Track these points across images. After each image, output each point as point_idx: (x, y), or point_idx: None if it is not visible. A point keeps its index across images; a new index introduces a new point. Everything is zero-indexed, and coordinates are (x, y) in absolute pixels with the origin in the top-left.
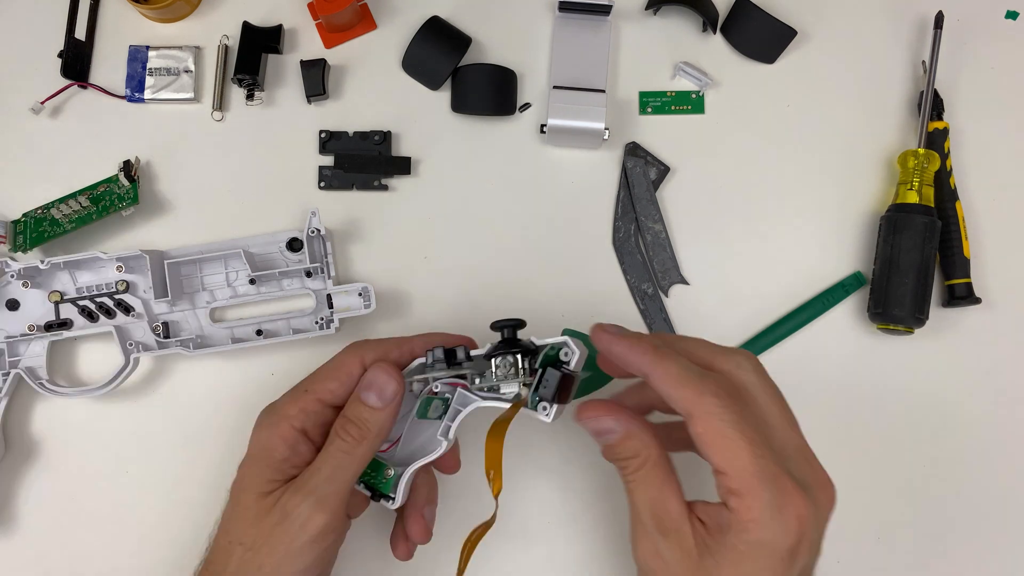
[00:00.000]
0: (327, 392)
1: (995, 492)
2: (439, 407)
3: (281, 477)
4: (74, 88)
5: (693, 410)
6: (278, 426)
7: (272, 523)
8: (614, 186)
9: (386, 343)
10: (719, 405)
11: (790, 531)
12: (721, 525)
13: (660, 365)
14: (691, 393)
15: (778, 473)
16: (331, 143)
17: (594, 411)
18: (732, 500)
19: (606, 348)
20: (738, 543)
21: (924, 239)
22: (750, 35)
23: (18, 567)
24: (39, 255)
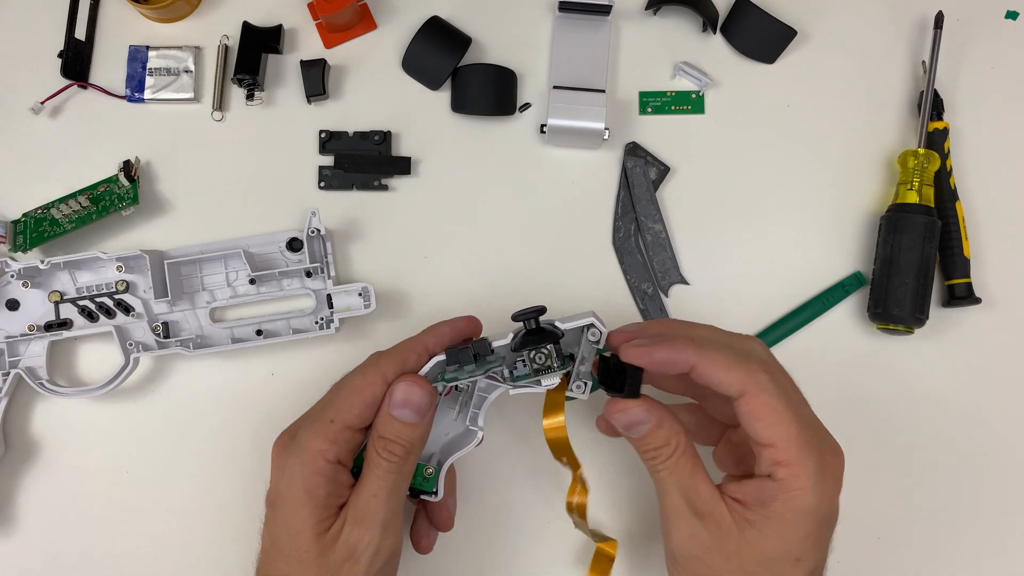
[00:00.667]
0: (354, 418)
1: (995, 492)
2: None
3: (330, 513)
4: (74, 88)
5: (746, 388)
6: (313, 463)
7: (340, 560)
8: (614, 186)
9: (402, 351)
10: (768, 382)
11: (832, 494)
12: (763, 498)
13: (705, 355)
14: (742, 374)
15: (818, 442)
16: (331, 143)
17: (624, 404)
18: (780, 470)
19: (648, 361)
20: (786, 511)
21: (924, 239)
22: (750, 35)
23: (18, 567)
24: (39, 255)
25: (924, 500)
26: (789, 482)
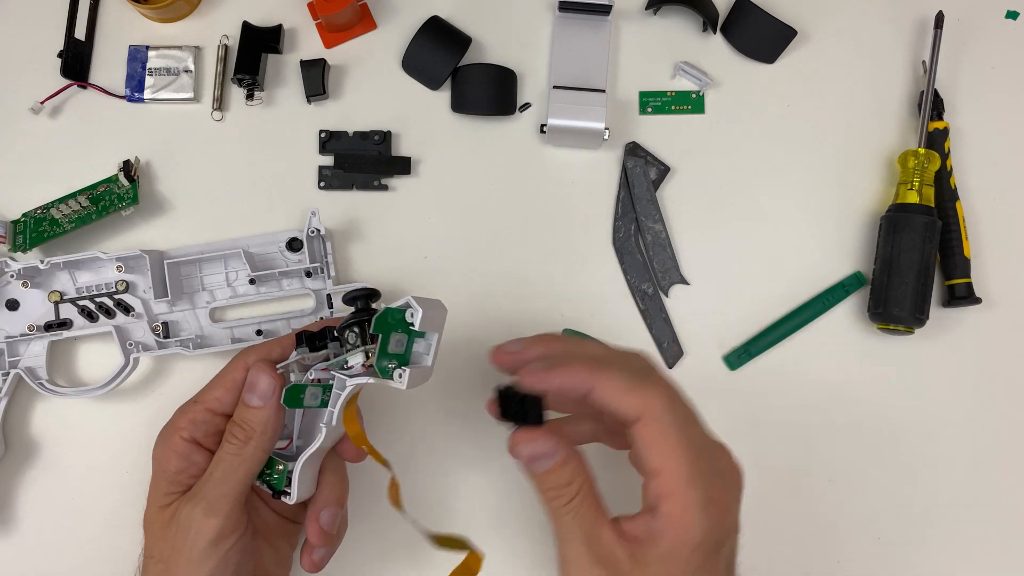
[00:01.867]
0: (214, 400)
1: (995, 492)
2: (317, 394)
3: (178, 489)
4: (74, 88)
5: (642, 413)
6: (169, 439)
7: (173, 534)
8: (614, 186)
9: (268, 344)
10: (664, 409)
11: (718, 524)
12: (652, 534)
13: (602, 378)
14: (638, 399)
15: (709, 470)
16: (331, 143)
17: (531, 434)
18: (666, 504)
19: (545, 386)
20: (673, 547)
21: (924, 239)
22: (750, 35)
23: (18, 567)
24: (39, 255)
25: (924, 500)
26: (674, 517)
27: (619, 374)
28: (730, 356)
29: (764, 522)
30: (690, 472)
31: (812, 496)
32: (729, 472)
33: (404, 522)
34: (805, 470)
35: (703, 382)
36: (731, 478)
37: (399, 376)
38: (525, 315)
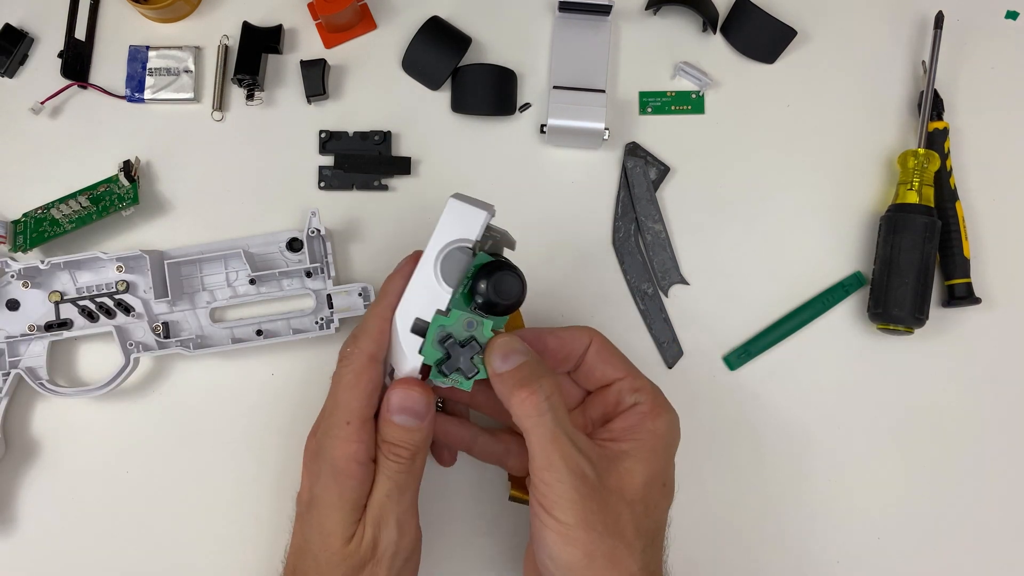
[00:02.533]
0: (365, 409)
1: (995, 491)
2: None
3: (358, 516)
4: (74, 88)
5: (592, 336)
6: (346, 469)
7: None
8: (614, 186)
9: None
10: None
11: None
12: (630, 426)
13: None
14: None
15: None
16: (331, 143)
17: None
18: (641, 395)
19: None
20: (653, 432)
21: (924, 239)
22: (750, 35)
23: (18, 567)
24: (39, 255)
25: (924, 500)
26: (651, 405)
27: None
28: (730, 356)
29: (764, 522)
30: (645, 377)
31: (812, 496)
32: None
33: None
34: (805, 470)
35: (703, 382)
36: None
37: None
38: (525, 315)
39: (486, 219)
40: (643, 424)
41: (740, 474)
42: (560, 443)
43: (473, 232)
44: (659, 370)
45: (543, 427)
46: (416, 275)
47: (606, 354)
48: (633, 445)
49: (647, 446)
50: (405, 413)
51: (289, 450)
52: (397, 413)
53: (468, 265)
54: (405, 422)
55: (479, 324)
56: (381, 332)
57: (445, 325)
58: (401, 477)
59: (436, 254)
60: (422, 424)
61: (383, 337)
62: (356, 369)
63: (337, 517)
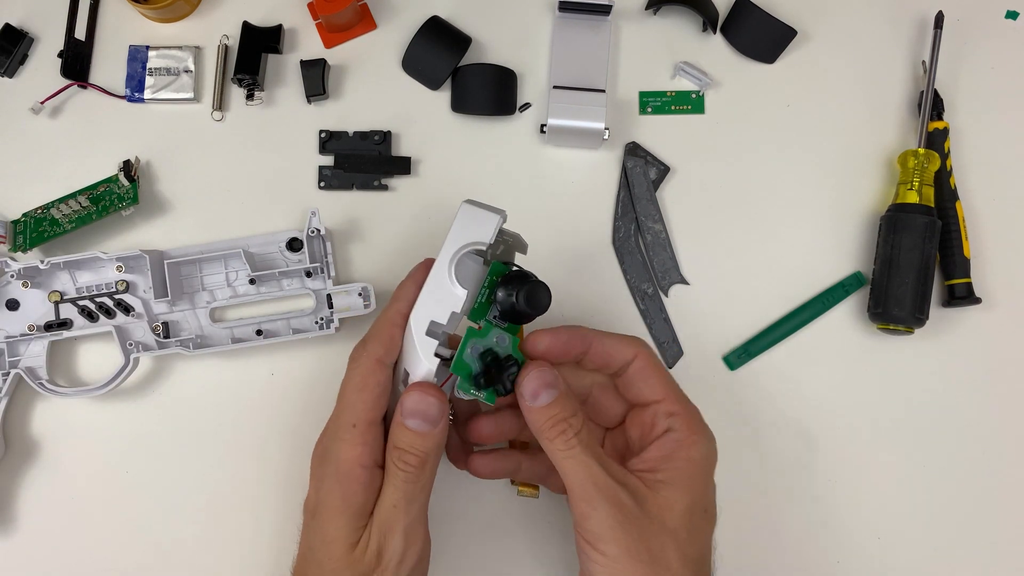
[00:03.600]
0: (372, 413)
1: (995, 491)
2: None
3: (363, 522)
4: (74, 88)
5: (637, 350)
6: (350, 473)
7: (368, 569)
8: (614, 186)
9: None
10: (652, 351)
11: (714, 445)
12: (667, 454)
13: (597, 333)
14: (629, 343)
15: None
16: (331, 143)
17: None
18: (677, 421)
19: (540, 350)
20: (690, 459)
21: (924, 239)
22: (750, 35)
23: (18, 567)
24: (39, 255)
25: (924, 500)
26: (688, 429)
27: (609, 333)
28: (730, 356)
29: (764, 521)
30: (684, 397)
31: (812, 496)
32: None
33: None
34: (805, 470)
35: (703, 382)
36: None
37: None
38: None
39: (499, 223)
40: (679, 453)
41: (740, 474)
42: (595, 474)
43: (487, 236)
44: None
45: (576, 460)
46: (430, 279)
47: (647, 373)
48: (670, 475)
49: (684, 474)
50: (418, 417)
51: (289, 450)
52: (410, 417)
53: (483, 271)
54: (418, 427)
55: (509, 340)
56: (391, 337)
57: (479, 339)
58: (409, 487)
59: (450, 258)
60: (434, 430)
61: (393, 342)
62: (363, 372)
63: (341, 522)
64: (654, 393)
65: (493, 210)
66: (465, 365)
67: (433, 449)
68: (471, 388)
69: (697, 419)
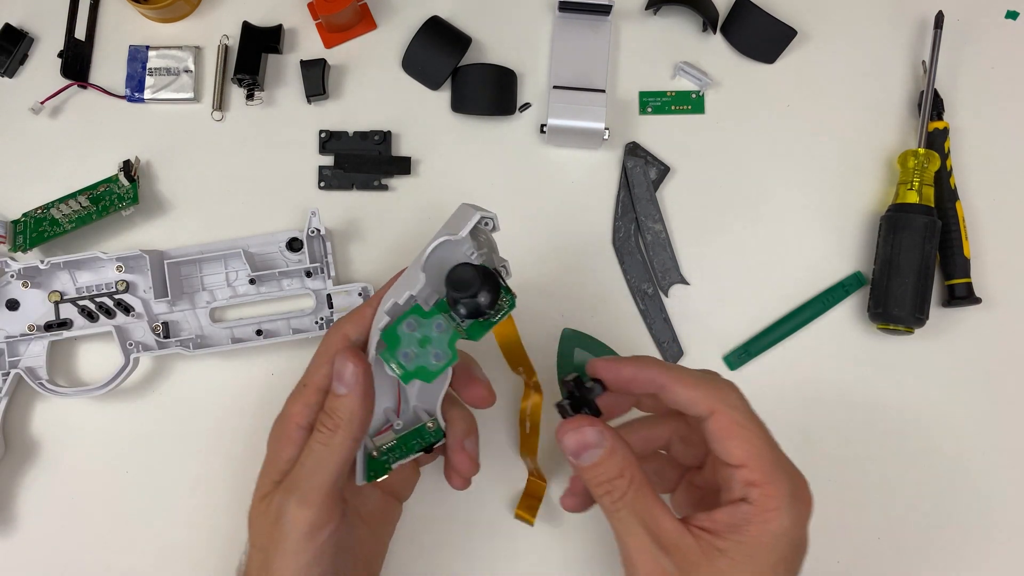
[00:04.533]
0: (322, 379)
1: (995, 491)
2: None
3: (281, 478)
4: (74, 88)
5: (715, 406)
6: (285, 428)
7: (271, 524)
8: (614, 186)
9: (360, 308)
10: (738, 400)
11: (804, 519)
12: (736, 523)
13: (673, 373)
14: (710, 391)
15: (787, 465)
16: (331, 143)
17: (575, 422)
18: (754, 492)
19: (614, 375)
20: (761, 535)
21: (924, 239)
22: (750, 35)
23: (18, 567)
24: (39, 255)
25: (924, 500)
26: (764, 503)
27: (689, 372)
28: (730, 356)
29: None
30: (773, 461)
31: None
32: (802, 475)
33: None
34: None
35: None
36: (806, 481)
37: None
38: (525, 315)
39: (478, 217)
40: (748, 528)
41: None
42: (639, 540)
43: (462, 230)
44: None
45: (622, 522)
46: (409, 266)
47: (725, 434)
48: (731, 547)
49: (748, 551)
50: (337, 379)
51: None
52: (334, 379)
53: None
54: (336, 388)
55: (448, 331)
56: (362, 315)
57: (420, 317)
58: (318, 448)
59: (427, 247)
60: (349, 394)
61: (363, 320)
62: (328, 341)
63: (264, 472)
64: (732, 457)
65: (480, 209)
66: (396, 337)
67: (347, 413)
68: (391, 361)
69: (784, 490)
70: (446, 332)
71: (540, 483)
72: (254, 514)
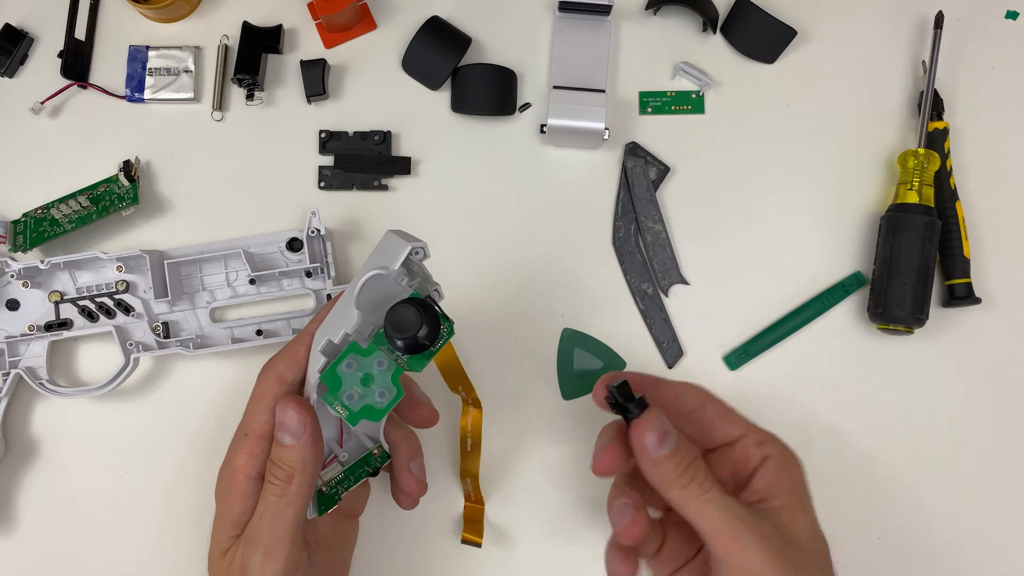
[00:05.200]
0: (263, 425)
1: (995, 491)
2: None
3: (237, 532)
4: (74, 88)
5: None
6: (232, 480)
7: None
8: (614, 186)
9: (290, 347)
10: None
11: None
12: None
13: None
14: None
15: None
16: (331, 143)
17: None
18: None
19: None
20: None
21: (924, 239)
22: (750, 35)
23: (18, 567)
24: (39, 255)
25: (925, 500)
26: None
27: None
28: (730, 356)
29: None
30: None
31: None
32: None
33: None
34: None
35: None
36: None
37: None
38: (525, 315)
39: (408, 249)
40: (783, 477)
41: None
42: (739, 512)
43: (393, 261)
44: (659, 370)
45: (716, 502)
46: (340, 300)
47: (724, 413)
48: (784, 500)
49: (796, 496)
50: (283, 430)
51: None
52: (278, 429)
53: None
54: (282, 438)
55: (389, 367)
56: (295, 354)
57: (359, 356)
58: (274, 501)
59: (357, 280)
60: (297, 443)
61: (296, 358)
62: (263, 386)
63: (217, 528)
64: (737, 429)
65: (410, 239)
66: (336, 378)
67: (298, 463)
68: (334, 403)
69: (782, 442)
70: (388, 368)
71: (479, 507)
72: (216, 571)
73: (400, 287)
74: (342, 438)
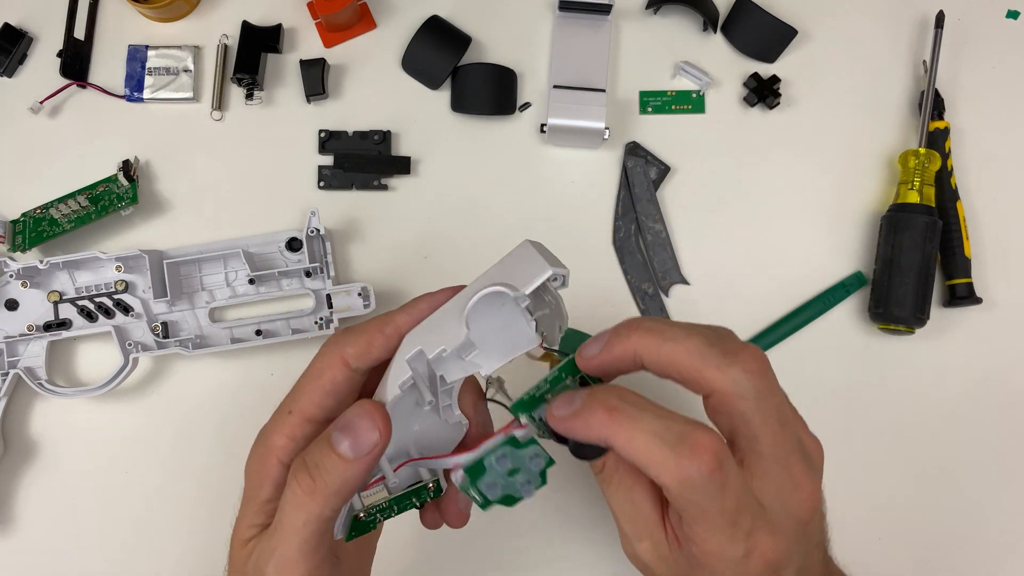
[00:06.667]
0: (312, 407)
1: (995, 491)
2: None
3: (263, 521)
4: (73, 88)
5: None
6: (265, 461)
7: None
8: (614, 186)
9: (368, 329)
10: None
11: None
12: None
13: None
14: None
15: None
16: (331, 143)
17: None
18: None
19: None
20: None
21: (925, 239)
22: (750, 35)
23: (18, 567)
24: (38, 255)
25: (925, 500)
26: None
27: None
28: None
29: None
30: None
31: None
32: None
33: None
34: None
35: None
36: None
37: None
38: None
39: (548, 275)
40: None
41: None
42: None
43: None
44: None
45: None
46: (447, 305)
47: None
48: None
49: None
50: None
51: None
52: (339, 430)
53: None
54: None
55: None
56: (369, 342)
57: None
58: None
59: (474, 291)
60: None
61: (369, 346)
62: (324, 363)
63: (244, 510)
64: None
65: (552, 262)
66: (482, 468)
67: (342, 482)
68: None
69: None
70: (540, 459)
71: None
72: (236, 561)
73: (519, 313)
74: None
